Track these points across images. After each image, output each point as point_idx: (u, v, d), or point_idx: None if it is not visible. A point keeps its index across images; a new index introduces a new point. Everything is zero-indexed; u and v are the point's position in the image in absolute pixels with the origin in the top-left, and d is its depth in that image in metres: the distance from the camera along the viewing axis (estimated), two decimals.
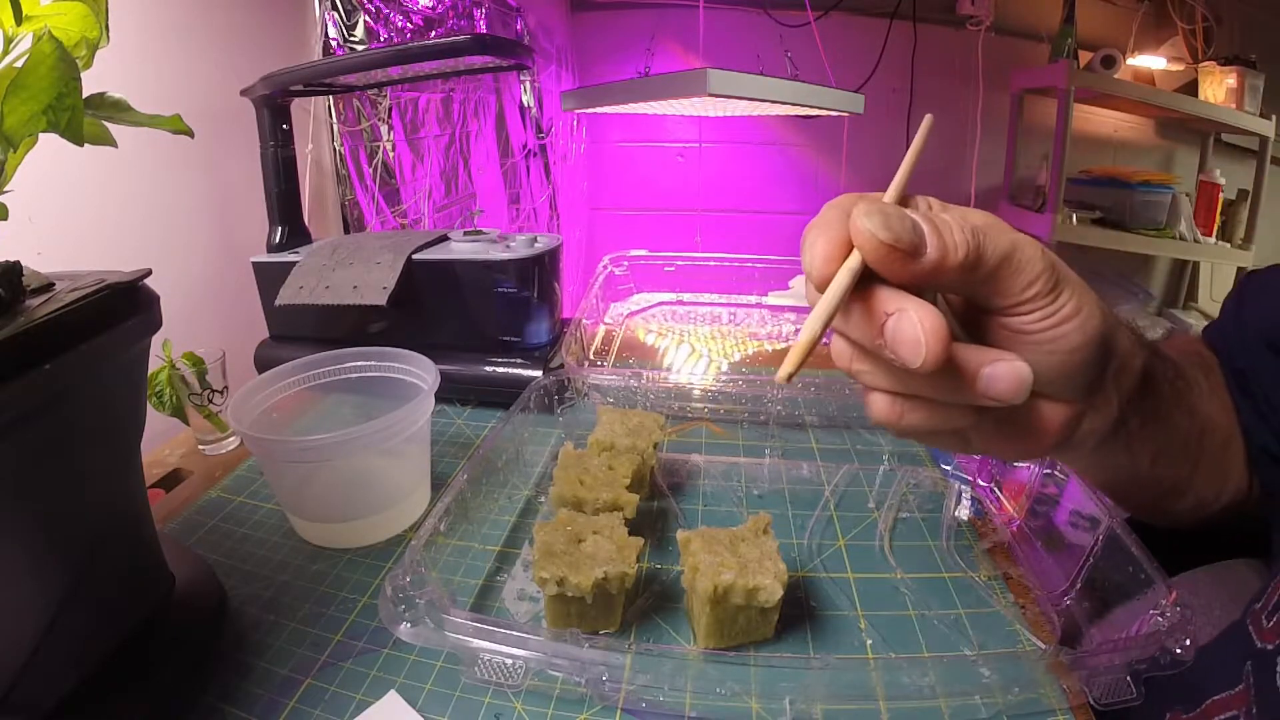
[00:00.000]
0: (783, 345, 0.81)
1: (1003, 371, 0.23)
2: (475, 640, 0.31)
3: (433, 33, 1.13)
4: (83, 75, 0.27)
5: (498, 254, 0.60)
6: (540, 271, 0.63)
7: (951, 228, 0.23)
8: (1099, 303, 0.25)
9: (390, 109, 1.02)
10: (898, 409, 0.25)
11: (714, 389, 0.59)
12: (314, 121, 0.87)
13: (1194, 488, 0.38)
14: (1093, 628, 0.37)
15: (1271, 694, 0.31)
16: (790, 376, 0.22)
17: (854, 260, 0.23)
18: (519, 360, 0.62)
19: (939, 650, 0.37)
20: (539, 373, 0.60)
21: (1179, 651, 0.29)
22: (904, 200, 0.26)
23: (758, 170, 2.15)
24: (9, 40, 0.27)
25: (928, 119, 0.29)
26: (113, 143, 0.32)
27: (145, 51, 0.63)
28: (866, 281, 0.23)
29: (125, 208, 0.62)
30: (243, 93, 0.64)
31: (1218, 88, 1.93)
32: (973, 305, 0.26)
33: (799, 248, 0.27)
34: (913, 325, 0.22)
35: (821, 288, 0.23)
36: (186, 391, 0.54)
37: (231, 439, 0.57)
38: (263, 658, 0.36)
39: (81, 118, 0.27)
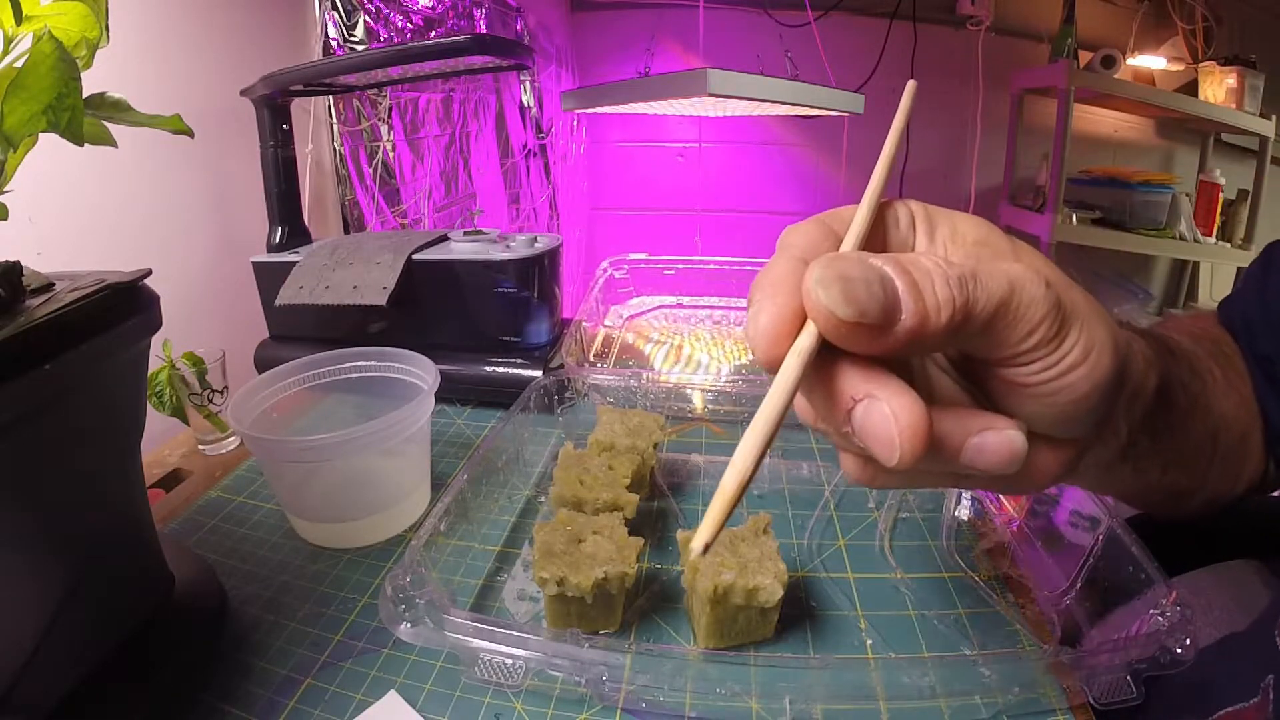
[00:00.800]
0: None
1: (991, 443, 0.20)
2: (475, 640, 0.31)
3: (433, 33, 1.13)
4: (83, 75, 0.27)
5: (498, 254, 0.60)
6: (540, 271, 0.63)
7: (933, 281, 0.18)
8: (1111, 331, 0.21)
9: (390, 109, 1.02)
10: (869, 471, 0.22)
11: (714, 389, 0.59)
12: (314, 121, 0.87)
13: (1206, 487, 0.35)
14: (1093, 628, 0.37)
15: None
16: (708, 547, 0.17)
17: (805, 340, 0.18)
18: (519, 360, 0.62)
19: (939, 650, 0.37)
20: (539, 373, 0.60)
21: (1179, 651, 0.29)
22: (882, 210, 0.23)
23: (758, 170, 2.15)
24: (9, 40, 0.27)
25: (910, 86, 0.26)
26: (113, 143, 0.32)
27: (145, 51, 0.63)
28: (827, 349, 0.19)
29: (125, 208, 0.62)
30: (243, 93, 0.64)
31: (1218, 88, 1.93)
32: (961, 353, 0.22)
33: None
34: (885, 419, 0.18)
35: (769, 370, 0.18)
36: (186, 391, 0.54)
37: (231, 439, 0.57)
38: (263, 658, 0.36)
39: (81, 118, 0.27)
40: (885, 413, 0.18)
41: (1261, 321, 0.36)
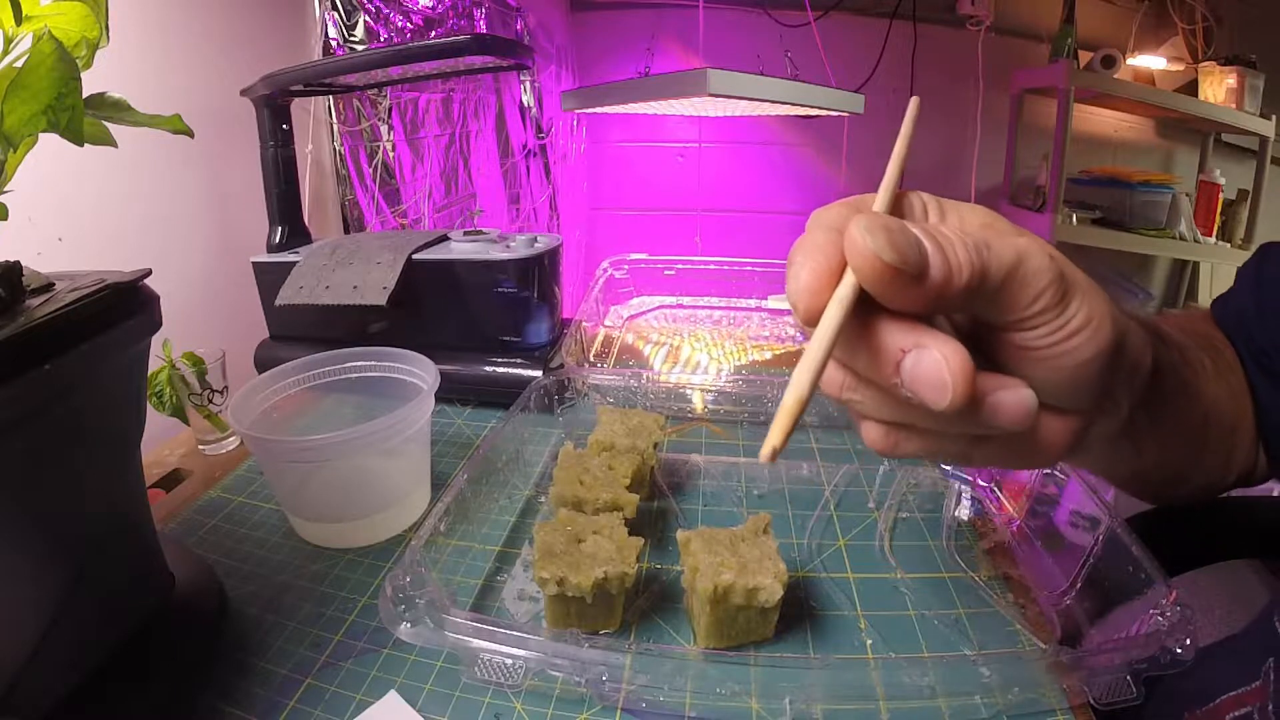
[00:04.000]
0: (783, 348, 0.81)
1: (1007, 401, 0.22)
2: (475, 640, 0.31)
3: (433, 33, 1.13)
4: (83, 75, 0.27)
5: (498, 254, 0.60)
6: (540, 271, 0.63)
7: (955, 245, 0.20)
8: (1110, 305, 0.23)
9: (390, 109, 1.02)
10: (893, 439, 0.24)
11: (714, 389, 0.59)
12: (314, 121, 0.87)
13: (1198, 474, 0.37)
14: (1093, 628, 0.37)
15: None
16: (776, 453, 0.19)
17: (845, 289, 0.20)
18: (519, 360, 0.62)
19: (939, 650, 0.37)
20: (539, 373, 0.60)
21: (1179, 651, 0.29)
22: (897, 199, 0.25)
23: (758, 170, 2.15)
24: (9, 40, 0.27)
25: (914, 102, 0.27)
26: (113, 143, 0.32)
27: (145, 51, 0.63)
28: (863, 309, 0.21)
29: (125, 208, 0.62)
30: (243, 93, 0.64)
31: (1218, 88, 1.93)
32: (970, 318, 0.24)
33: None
34: (937, 365, 0.20)
35: (810, 323, 0.20)
36: (186, 391, 0.54)
37: (231, 439, 0.57)
38: (263, 658, 0.36)
39: (81, 118, 0.27)
40: (936, 358, 0.20)
41: (1256, 316, 0.38)
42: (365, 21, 0.94)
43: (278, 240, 0.68)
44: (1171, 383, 0.31)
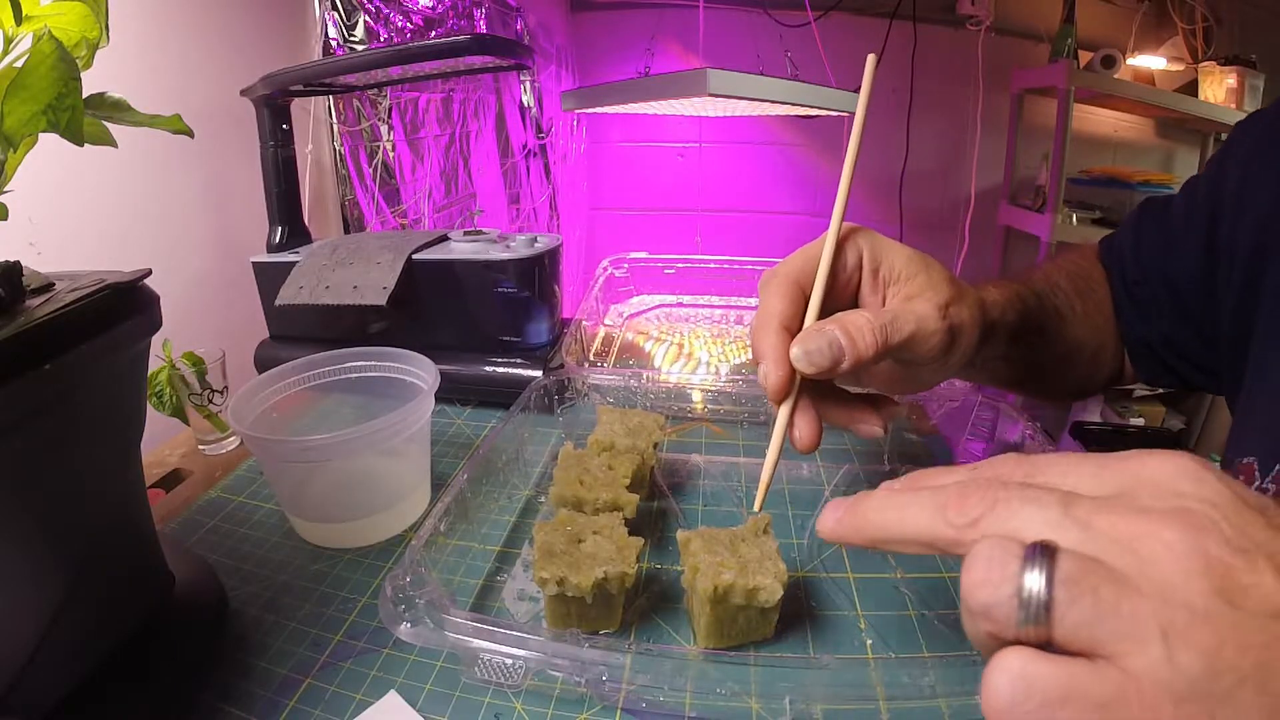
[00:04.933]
0: None
1: (863, 428, 0.35)
2: (475, 640, 0.31)
3: (433, 33, 1.13)
4: (83, 75, 0.27)
5: (498, 254, 0.60)
6: (540, 271, 0.63)
7: (864, 333, 0.30)
8: (979, 319, 0.35)
9: (390, 109, 1.02)
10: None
11: (714, 389, 0.59)
12: (314, 121, 0.87)
13: (1068, 383, 0.51)
14: None
15: None
16: (760, 506, 0.32)
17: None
18: (519, 360, 0.62)
19: (939, 650, 0.37)
20: (539, 373, 0.60)
21: None
22: (841, 242, 0.34)
23: (758, 170, 2.15)
24: (9, 40, 0.27)
25: (870, 59, 0.33)
26: (113, 143, 0.32)
27: (145, 51, 0.63)
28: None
29: (125, 208, 0.62)
30: (243, 93, 0.64)
31: (1218, 88, 1.93)
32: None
33: (792, 252, 0.35)
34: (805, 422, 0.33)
35: (777, 401, 0.32)
36: (186, 391, 0.54)
37: (231, 439, 0.57)
38: (263, 658, 0.36)
39: (81, 118, 0.27)
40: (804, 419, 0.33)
41: (1132, 254, 0.49)
42: (365, 21, 0.94)
43: (278, 240, 0.68)
44: (1034, 335, 0.43)
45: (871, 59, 0.33)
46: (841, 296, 0.35)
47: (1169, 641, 0.15)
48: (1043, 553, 0.17)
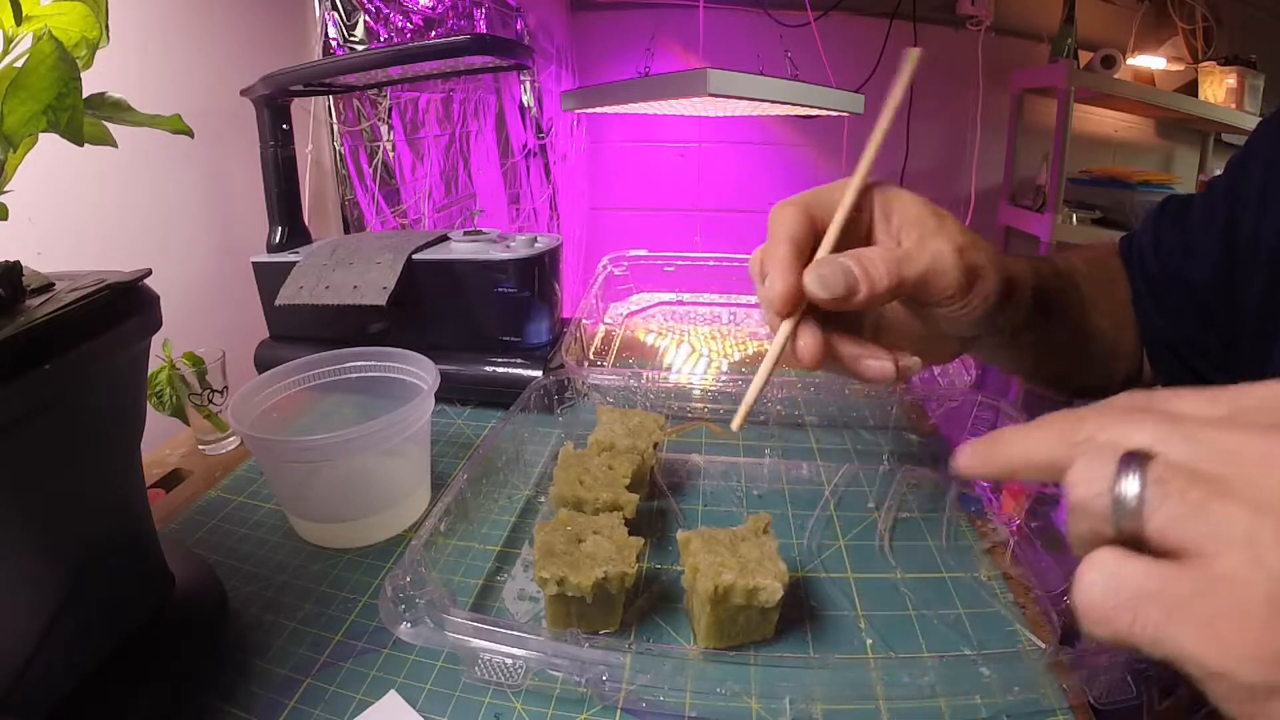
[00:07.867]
0: None
1: (871, 366, 0.32)
2: (475, 640, 0.31)
3: (433, 33, 1.13)
4: (83, 75, 0.27)
5: (498, 254, 0.60)
6: (540, 271, 0.63)
7: (877, 264, 0.29)
8: (1001, 266, 0.33)
9: (390, 109, 1.02)
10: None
11: (714, 389, 0.59)
12: (314, 121, 0.87)
13: (1081, 379, 0.49)
14: None
15: None
16: (740, 425, 0.30)
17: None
18: (519, 360, 0.62)
19: (939, 650, 0.37)
20: (539, 373, 0.60)
21: None
22: (865, 190, 0.33)
23: (758, 170, 2.15)
24: (9, 40, 0.27)
25: (913, 53, 0.33)
26: (113, 143, 0.32)
27: (145, 51, 0.63)
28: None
29: (125, 208, 0.62)
30: (243, 93, 0.64)
31: (1218, 88, 1.93)
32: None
33: None
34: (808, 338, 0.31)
35: (782, 315, 0.31)
36: (186, 391, 0.54)
37: (231, 439, 0.57)
38: (263, 658, 0.36)
39: (81, 118, 0.27)
40: (806, 336, 0.31)
41: (1153, 252, 0.47)
42: (365, 21, 0.94)
43: (278, 240, 0.68)
44: (1056, 309, 0.41)
45: (916, 52, 0.33)
46: (853, 239, 0.33)
47: (1256, 545, 0.16)
48: (1140, 457, 0.18)
